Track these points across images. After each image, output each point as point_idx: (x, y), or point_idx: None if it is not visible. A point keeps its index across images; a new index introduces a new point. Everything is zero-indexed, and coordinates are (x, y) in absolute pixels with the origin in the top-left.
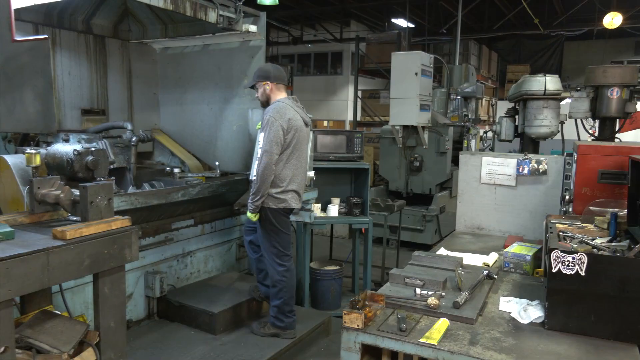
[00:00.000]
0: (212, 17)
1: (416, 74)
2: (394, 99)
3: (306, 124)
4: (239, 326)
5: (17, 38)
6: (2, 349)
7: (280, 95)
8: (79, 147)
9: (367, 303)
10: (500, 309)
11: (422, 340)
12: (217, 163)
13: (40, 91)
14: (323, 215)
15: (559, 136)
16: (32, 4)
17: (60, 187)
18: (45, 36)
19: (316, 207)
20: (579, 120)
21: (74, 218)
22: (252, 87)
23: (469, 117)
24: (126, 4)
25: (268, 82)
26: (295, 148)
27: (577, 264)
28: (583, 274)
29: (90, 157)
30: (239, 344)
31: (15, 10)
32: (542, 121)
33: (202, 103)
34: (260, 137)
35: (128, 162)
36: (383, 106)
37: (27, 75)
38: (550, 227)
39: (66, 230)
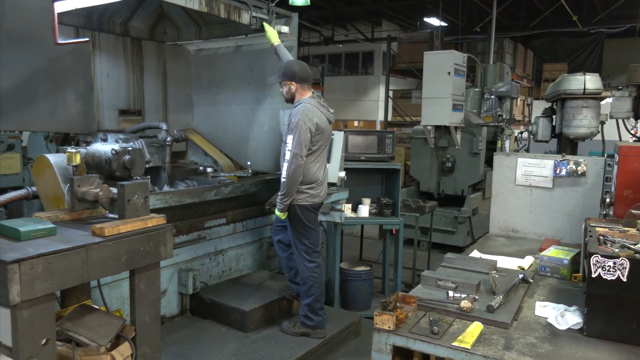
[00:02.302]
0: (245, 18)
1: (449, 73)
2: (426, 99)
3: (329, 122)
4: (269, 324)
5: (60, 41)
6: (44, 340)
7: (305, 94)
8: (116, 146)
9: (398, 305)
10: (536, 314)
11: (455, 343)
12: (249, 163)
13: (81, 92)
14: (354, 216)
15: (598, 137)
16: (74, 7)
17: (99, 185)
18: (87, 39)
19: (347, 208)
20: (620, 121)
21: (111, 215)
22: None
23: (504, 117)
24: (162, 7)
25: (294, 82)
26: (322, 147)
27: (619, 269)
28: (624, 279)
29: (127, 157)
30: (269, 342)
31: (58, 14)
32: (581, 121)
33: (234, 103)
34: (288, 139)
35: (163, 161)
36: (414, 106)
37: (69, 77)
38: (590, 231)
39: (105, 227)
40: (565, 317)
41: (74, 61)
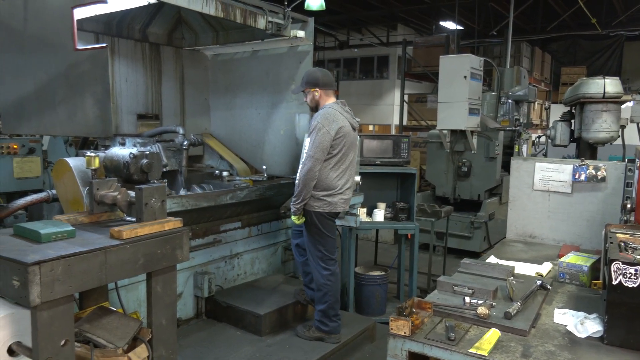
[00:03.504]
0: (261, 23)
1: (465, 77)
2: (442, 103)
3: (354, 128)
4: (284, 328)
5: (79, 47)
6: (63, 341)
7: (329, 100)
8: (134, 150)
9: (414, 310)
10: (554, 321)
11: (472, 350)
12: (264, 167)
13: (99, 97)
14: (369, 220)
15: (618, 141)
16: (93, 14)
17: (118, 188)
18: (104, 45)
19: (362, 212)
20: None
21: (129, 218)
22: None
23: (521, 121)
24: (180, 13)
25: (317, 88)
26: (345, 153)
27: None
28: None
29: (144, 160)
30: (284, 347)
31: (78, 20)
32: (601, 125)
33: (250, 108)
34: (307, 141)
35: (180, 165)
36: (430, 110)
37: (87, 82)
38: (610, 237)
39: (122, 230)
40: (585, 325)
41: (91, 66)
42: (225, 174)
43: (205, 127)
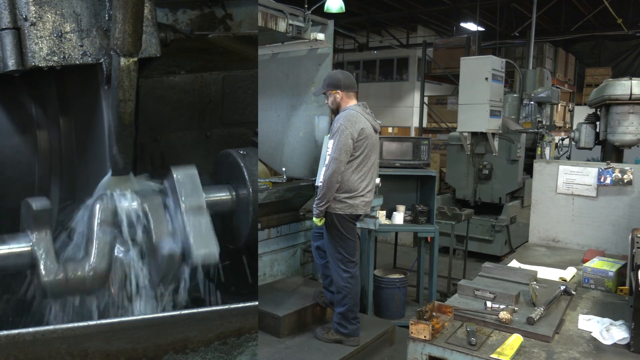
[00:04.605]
0: (281, 26)
1: (486, 79)
2: (463, 105)
3: (375, 131)
4: (302, 330)
5: None
6: None
7: (350, 103)
8: None
9: (434, 314)
10: (579, 327)
11: (494, 356)
12: (283, 169)
13: None
14: (388, 223)
15: None
16: None
17: None
18: None
19: (381, 214)
20: None
21: None
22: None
23: (543, 123)
24: None
25: (339, 90)
26: (367, 155)
27: None
28: None
29: None
30: (302, 348)
31: None
32: (628, 128)
33: (269, 110)
34: (330, 144)
35: None
36: (450, 112)
37: None
38: (637, 242)
39: None
40: (610, 332)
41: None
42: None
43: None
